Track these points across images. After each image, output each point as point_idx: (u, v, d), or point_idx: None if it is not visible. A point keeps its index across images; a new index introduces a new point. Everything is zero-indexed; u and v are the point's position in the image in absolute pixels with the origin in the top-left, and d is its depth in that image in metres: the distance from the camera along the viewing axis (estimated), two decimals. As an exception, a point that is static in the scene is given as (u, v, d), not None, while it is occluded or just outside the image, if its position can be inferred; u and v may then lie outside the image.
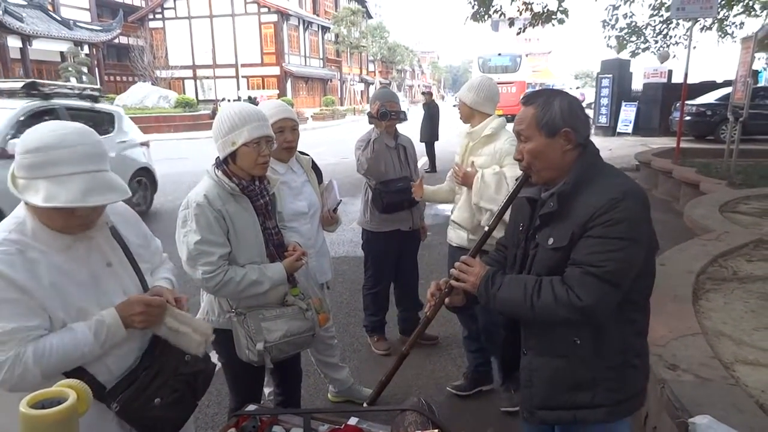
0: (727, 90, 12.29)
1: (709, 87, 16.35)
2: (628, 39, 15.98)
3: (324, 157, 12.21)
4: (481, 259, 1.71)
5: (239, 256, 2.01)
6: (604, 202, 1.39)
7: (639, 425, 2.38)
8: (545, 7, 12.36)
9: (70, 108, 6.76)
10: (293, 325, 2.08)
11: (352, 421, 1.68)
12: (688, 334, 2.66)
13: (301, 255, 2.13)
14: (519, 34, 12.96)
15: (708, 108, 14.67)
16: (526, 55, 31.00)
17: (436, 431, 1.51)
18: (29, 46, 24.31)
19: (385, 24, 53.21)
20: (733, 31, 14.49)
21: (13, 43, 23.61)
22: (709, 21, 13.73)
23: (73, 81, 23.56)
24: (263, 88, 34.56)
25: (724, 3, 12.97)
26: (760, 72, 23.03)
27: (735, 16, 13.98)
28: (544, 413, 1.58)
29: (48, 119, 2.32)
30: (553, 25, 12.47)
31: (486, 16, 12.36)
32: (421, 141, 11.46)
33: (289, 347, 2.09)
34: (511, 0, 12.64)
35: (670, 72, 18.30)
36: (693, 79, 13.67)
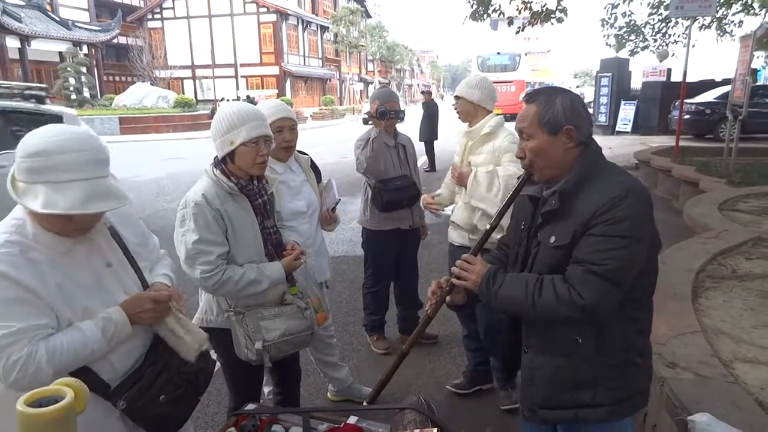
0: (726, 88, 12.28)
1: (708, 85, 16.36)
2: (627, 38, 15.97)
3: (323, 157, 12.21)
4: (482, 257, 1.70)
5: (238, 255, 2.01)
6: (606, 200, 1.38)
7: (638, 423, 2.38)
8: (544, 5, 12.34)
9: (6, 111, 5.27)
10: (292, 324, 2.08)
11: (352, 419, 1.69)
12: (687, 332, 2.66)
13: (299, 254, 2.13)
14: (518, 33, 12.94)
15: (707, 106, 14.68)
16: (525, 54, 31.05)
17: (435, 430, 1.51)
18: (28, 47, 24.32)
19: (384, 23, 53.24)
20: (731, 30, 14.49)
21: (12, 43, 23.61)
22: (708, 19, 13.73)
23: (72, 81, 23.63)
24: (262, 88, 34.54)
25: (722, 1, 12.97)
26: (759, 70, 23.05)
27: (734, 14, 13.98)
28: (545, 412, 1.57)
29: None
30: (552, 23, 12.44)
31: (485, 15, 12.33)
32: (420, 140, 11.46)
33: (288, 346, 2.09)
34: (510, -1, 12.64)
35: (669, 70, 18.29)
36: (692, 77, 13.67)
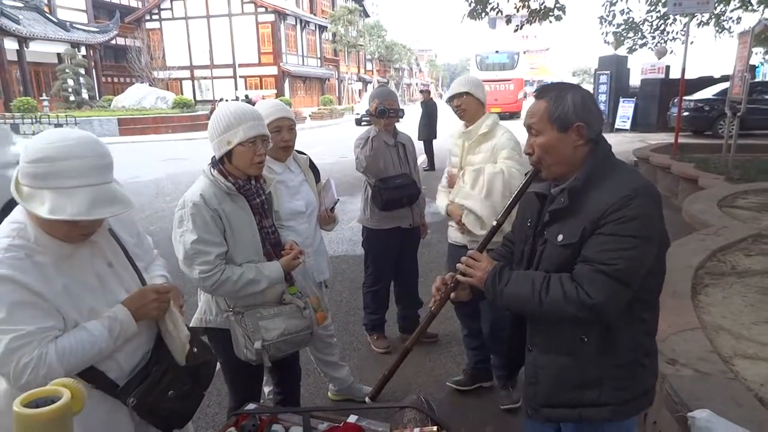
0: (725, 85, 12.29)
1: (707, 82, 16.34)
2: (625, 35, 15.92)
3: (322, 157, 12.21)
4: (487, 254, 1.68)
5: (236, 255, 2.01)
6: (616, 199, 1.36)
7: (638, 420, 2.38)
8: (542, 3, 12.31)
9: None
10: (291, 324, 2.08)
11: (352, 418, 1.68)
12: (687, 328, 2.66)
13: (298, 253, 2.13)
14: (516, 31, 12.93)
15: (706, 103, 14.69)
16: (524, 53, 31.02)
17: (435, 428, 1.51)
18: (26, 48, 24.31)
19: (383, 22, 53.30)
20: (730, 26, 14.46)
21: (10, 45, 23.60)
22: (706, 16, 13.68)
23: (70, 82, 23.61)
24: (261, 88, 34.52)
25: (721, -2, 12.97)
26: (758, 67, 23.07)
27: (732, 11, 13.95)
28: (549, 410, 1.56)
29: None
30: (551, 21, 12.41)
31: (483, 14, 12.31)
32: (419, 139, 11.44)
33: (287, 346, 2.09)
34: (508, -3, 12.62)
35: (668, 68, 18.29)
36: (690, 74, 13.69)
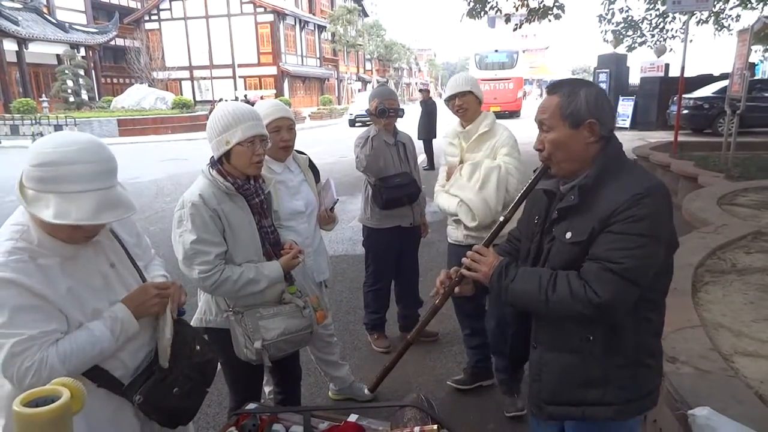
0: (724, 83, 12.28)
1: (707, 80, 16.35)
2: (624, 33, 15.94)
3: (322, 157, 12.21)
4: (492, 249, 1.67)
5: (236, 255, 2.01)
6: (627, 197, 1.35)
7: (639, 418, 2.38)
8: (541, 2, 12.32)
9: None
10: (291, 323, 2.08)
11: (352, 418, 1.68)
12: (687, 326, 2.66)
13: (297, 253, 2.13)
14: (515, 30, 12.91)
15: (705, 101, 14.68)
16: (523, 51, 30.98)
17: (435, 427, 1.51)
18: (25, 50, 24.30)
19: (382, 22, 53.24)
20: (729, 24, 14.46)
21: (9, 46, 23.60)
22: (706, 14, 13.69)
23: (69, 83, 23.61)
24: (260, 88, 34.51)
25: (720, -4, 12.96)
26: (757, 64, 23.04)
27: (731, 8, 13.95)
28: (552, 408, 1.55)
29: None
30: (550, 20, 12.41)
31: (482, 13, 12.31)
32: (419, 138, 11.45)
33: (287, 345, 2.09)
34: (507, -4, 12.61)
35: (667, 66, 18.28)
36: (690, 72, 13.68)
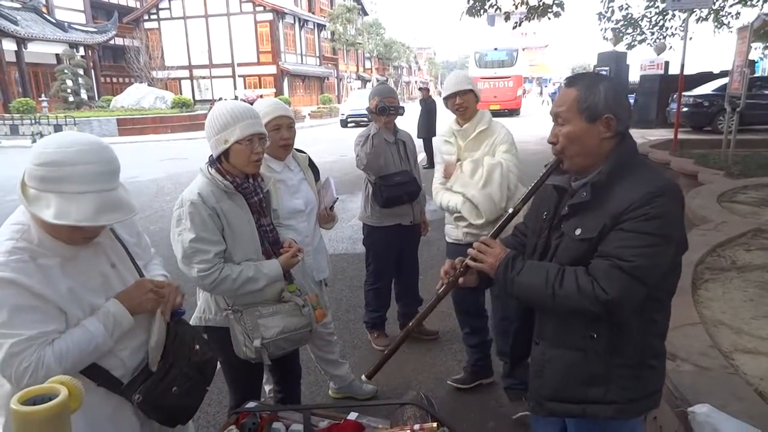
0: (724, 80, 12.25)
1: (706, 78, 16.31)
2: (624, 31, 15.93)
3: (322, 155, 12.21)
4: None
5: (235, 253, 2.01)
6: (640, 195, 1.34)
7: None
8: (541, 0, 12.32)
9: None
10: (290, 322, 2.08)
11: (352, 416, 1.69)
12: (687, 323, 2.66)
13: (296, 251, 2.13)
14: (515, 28, 12.93)
15: (705, 99, 14.65)
16: (523, 50, 30.92)
17: (435, 425, 1.51)
18: (24, 49, 24.28)
19: (381, 21, 53.12)
20: (729, 22, 14.43)
21: (8, 46, 23.59)
22: (705, 12, 13.68)
23: (69, 83, 23.59)
24: (260, 87, 34.51)
25: (719, -7, 12.95)
26: (757, 62, 23.03)
27: (731, 6, 13.93)
28: (554, 404, 1.55)
29: None
30: (549, 18, 12.42)
31: (482, 11, 12.31)
32: (418, 137, 11.45)
33: (287, 344, 2.09)
34: (507, -6, 12.60)
35: (667, 63, 18.25)
36: (690, 70, 13.67)
